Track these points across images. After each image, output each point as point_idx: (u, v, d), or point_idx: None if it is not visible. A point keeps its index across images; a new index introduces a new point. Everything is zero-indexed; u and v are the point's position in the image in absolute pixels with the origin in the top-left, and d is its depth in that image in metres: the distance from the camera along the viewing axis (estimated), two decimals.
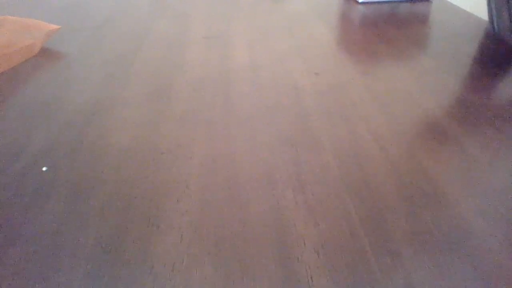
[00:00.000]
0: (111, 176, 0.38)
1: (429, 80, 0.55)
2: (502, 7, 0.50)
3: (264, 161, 0.40)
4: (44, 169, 0.39)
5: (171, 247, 0.31)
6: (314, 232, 0.32)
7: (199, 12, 0.87)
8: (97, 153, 0.41)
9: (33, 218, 0.34)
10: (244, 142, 0.43)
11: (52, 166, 0.40)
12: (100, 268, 0.29)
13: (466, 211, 0.34)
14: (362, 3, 0.91)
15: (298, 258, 0.30)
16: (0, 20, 0.65)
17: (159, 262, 0.30)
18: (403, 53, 0.64)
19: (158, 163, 0.40)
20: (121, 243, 0.31)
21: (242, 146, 0.42)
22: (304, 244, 0.31)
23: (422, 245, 0.31)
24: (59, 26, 0.69)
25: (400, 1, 0.92)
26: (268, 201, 0.35)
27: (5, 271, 0.29)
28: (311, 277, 0.28)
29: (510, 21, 0.49)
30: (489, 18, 0.52)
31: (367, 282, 0.28)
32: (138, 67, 0.61)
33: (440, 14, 0.82)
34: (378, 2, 0.91)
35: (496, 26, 0.50)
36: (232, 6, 0.91)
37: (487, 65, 0.59)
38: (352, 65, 0.60)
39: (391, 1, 0.92)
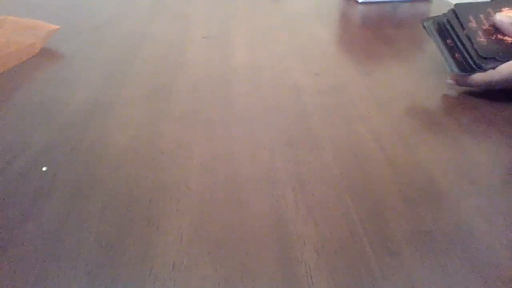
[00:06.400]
0: (111, 176, 0.38)
1: (429, 80, 0.55)
2: (452, 49, 0.51)
3: (264, 161, 0.40)
4: (44, 169, 0.39)
5: (171, 247, 0.31)
6: (314, 232, 0.32)
7: (199, 12, 0.87)
8: (97, 153, 0.41)
9: (33, 218, 0.34)
10: (244, 142, 0.43)
11: (52, 166, 0.40)
12: (100, 268, 0.29)
13: (466, 211, 0.34)
14: (362, 3, 0.91)
15: (298, 258, 0.30)
16: (0, 20, 0.65)
17: (159, 262, 0.30)
18: (403, 53, 0.64)
19: (158, 163, 0.40)
20: (121, 243, 0.31)
21: (242, 146, 0.42)
22: (304, 244, 0.31)
23: (422, 245, 0.31)
24: (59, 26, 0.69)
25: (400, 1, 0.92)
26: (268, 201, 0.35)
27: (5, 271, 0.29)
28: (311, 277, 0.28)
29: (463, 58, 0.50)
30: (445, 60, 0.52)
31: (367, 282, 0.28)
32: (138, 67, 0.61)
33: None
34: (378, 2, 0.91)
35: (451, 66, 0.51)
36: (232, 6, 0.91)
37: None
38: (352, 65, 0.60)
39: (391, 1, 0.92)
